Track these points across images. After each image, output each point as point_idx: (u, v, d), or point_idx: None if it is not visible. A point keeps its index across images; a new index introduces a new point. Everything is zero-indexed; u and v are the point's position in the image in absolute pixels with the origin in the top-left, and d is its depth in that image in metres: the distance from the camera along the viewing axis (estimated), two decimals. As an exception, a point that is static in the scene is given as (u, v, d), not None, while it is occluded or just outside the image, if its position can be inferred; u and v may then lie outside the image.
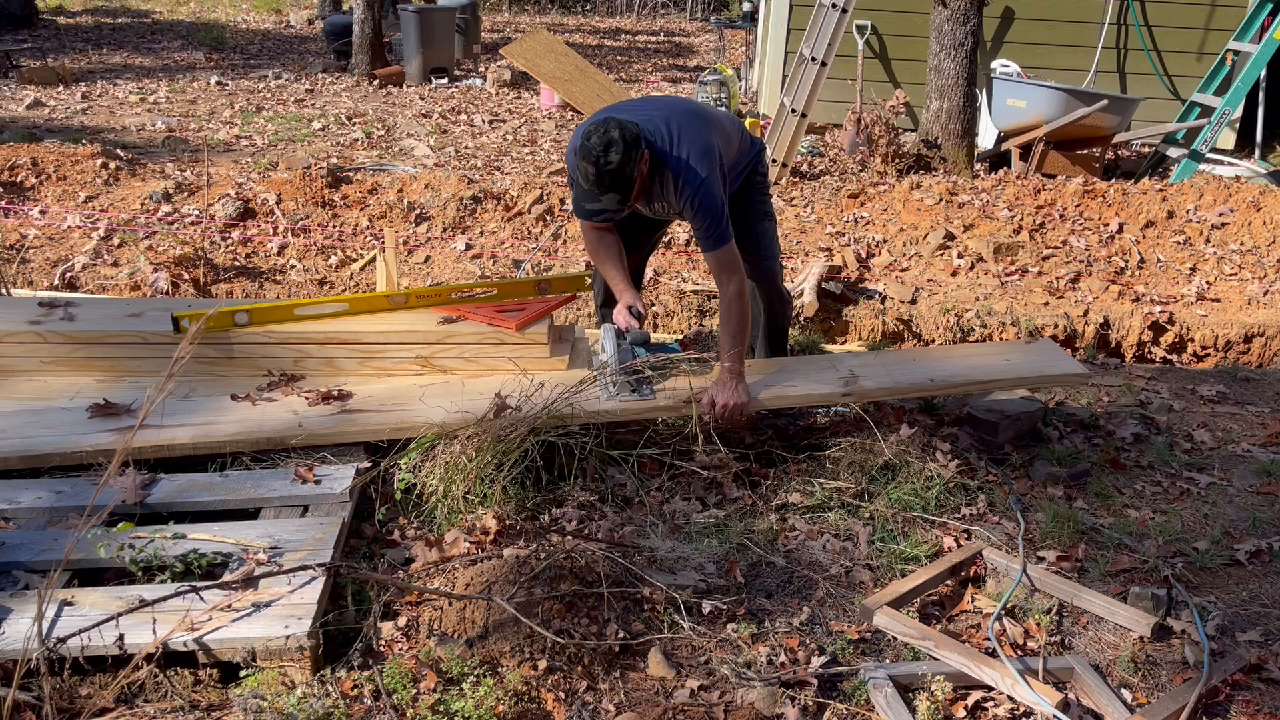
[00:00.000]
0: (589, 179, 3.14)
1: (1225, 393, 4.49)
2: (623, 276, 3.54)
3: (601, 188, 3.15)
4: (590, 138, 3.10)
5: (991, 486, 3.44)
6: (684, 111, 3.44)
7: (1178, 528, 3.27)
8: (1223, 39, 9.23)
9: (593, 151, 3.08)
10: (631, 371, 3.36)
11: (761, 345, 3.99)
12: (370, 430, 3.22)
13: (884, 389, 3.58)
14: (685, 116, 3.39)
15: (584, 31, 18.02)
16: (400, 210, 6.72)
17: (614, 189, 3.16)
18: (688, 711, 2.39)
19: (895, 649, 2.64)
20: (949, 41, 8.07)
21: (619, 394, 3.32)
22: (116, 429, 3.14)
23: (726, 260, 3.36)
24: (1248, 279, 6.34)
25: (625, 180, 3.15)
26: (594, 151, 3.08)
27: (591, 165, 3.09)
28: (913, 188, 7.20)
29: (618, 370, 3.36)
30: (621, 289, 3.53)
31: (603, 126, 3.11)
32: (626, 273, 3.57)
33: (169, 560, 2.60)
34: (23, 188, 6.73)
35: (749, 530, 3.11)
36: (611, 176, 3.12)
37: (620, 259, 3.56)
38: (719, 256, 3.36)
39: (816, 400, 3.54)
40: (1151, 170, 9.09)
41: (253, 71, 12.16)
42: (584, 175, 3.14)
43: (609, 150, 3.08)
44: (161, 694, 2.33)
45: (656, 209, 3.54)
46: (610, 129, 3.10)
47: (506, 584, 2.54)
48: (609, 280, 3.58)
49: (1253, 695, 2.52)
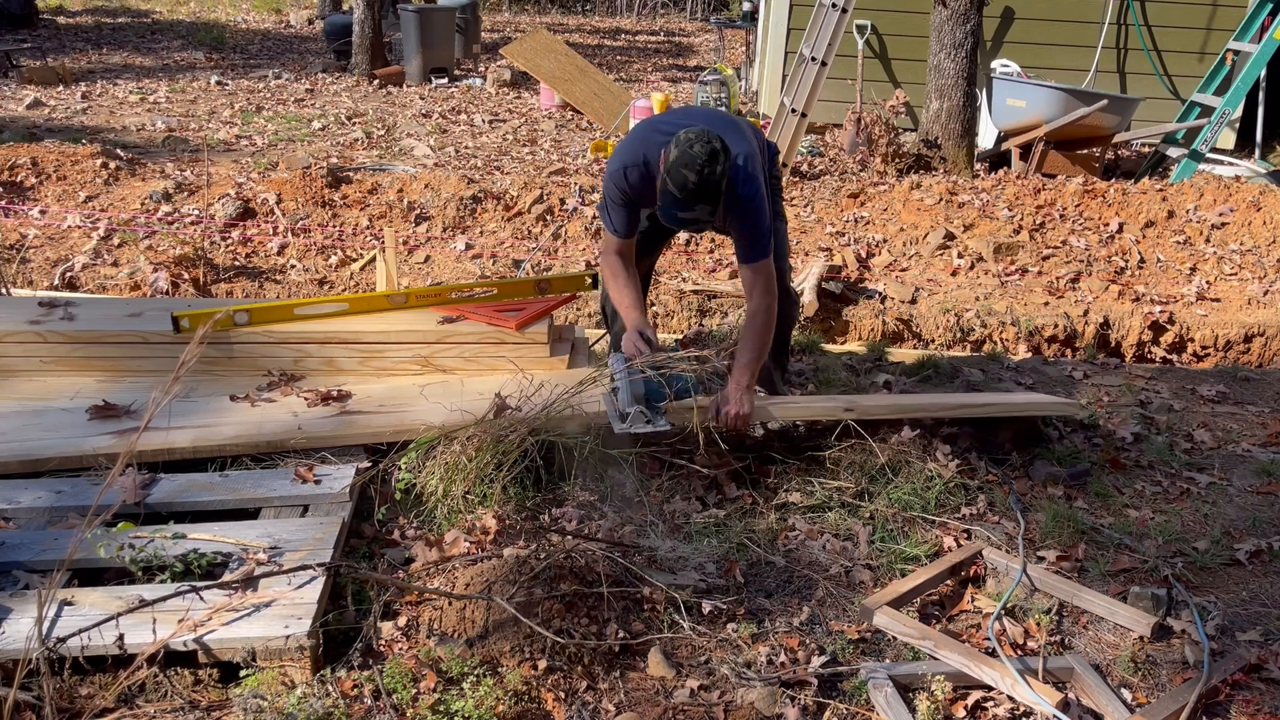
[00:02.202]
0: (687, 188, 3.08)
1: (1225, 393, 4.49)
2: (635, 301, 3.49)
3: (698, 197, 3.11)
4: (693, 146, 3.06)
5: (991, 486, 3.44)
6: (723, 122, 3.43)
7: (1178, 528, 3.27)
8: (1223, 39, 9.23)
9: (698, 160, 3.05)
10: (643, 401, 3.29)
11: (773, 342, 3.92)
12: (370, 433, 3.22)
13: (884, 406, 3.58)
14: (726, 126, 3.38)
15: (584, 31, 18.02)
16: (400, 210, 6.72)
17: (709, 200, 3.12)
18: (688, 711, 2.39)
19: (895, 649, 2.64)
20: (949, 41, 8.07)
21: (631, 425, 3.25)
22: (116, 431, 3.14)
23: (765, 273, 3.34)
24: (1248, 279, 6.35)
25: (719, 191, 3.13)
26: (699, 160, 3.05)
27: (695, 174, 3.05)
28: (913, 187, 7.20)
29: (629, 402, 3.27)
30: (633, 314, 3.47)
31: (703, 137, 3.08)
32: (641, 297, 3.53)
33: (169, 560, 2.60)
34: (23, 188, 6.73)
35: (749, 530, 3.11)
36: (714, 187, 3.09)
37: (637, 283, 3.53)
38: (759, 269, 3.34)
39: (819, 414, 3.53)
40: (1151, 170, 9.09)
41: (253, 71, 12.16)
42: (681, 184, 3.08)
43: (714, 160, 3.06)
44: (161, 694, 2.33)
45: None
46: (711, 139, 3.07)
47: (506, 584, 2.54)
48: (621, 304, 3.50)
49: (1253, 695, 2.52)
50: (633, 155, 3.36)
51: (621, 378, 3.31)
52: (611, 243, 3.49)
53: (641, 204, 3.42)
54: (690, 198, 3.11)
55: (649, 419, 3.25)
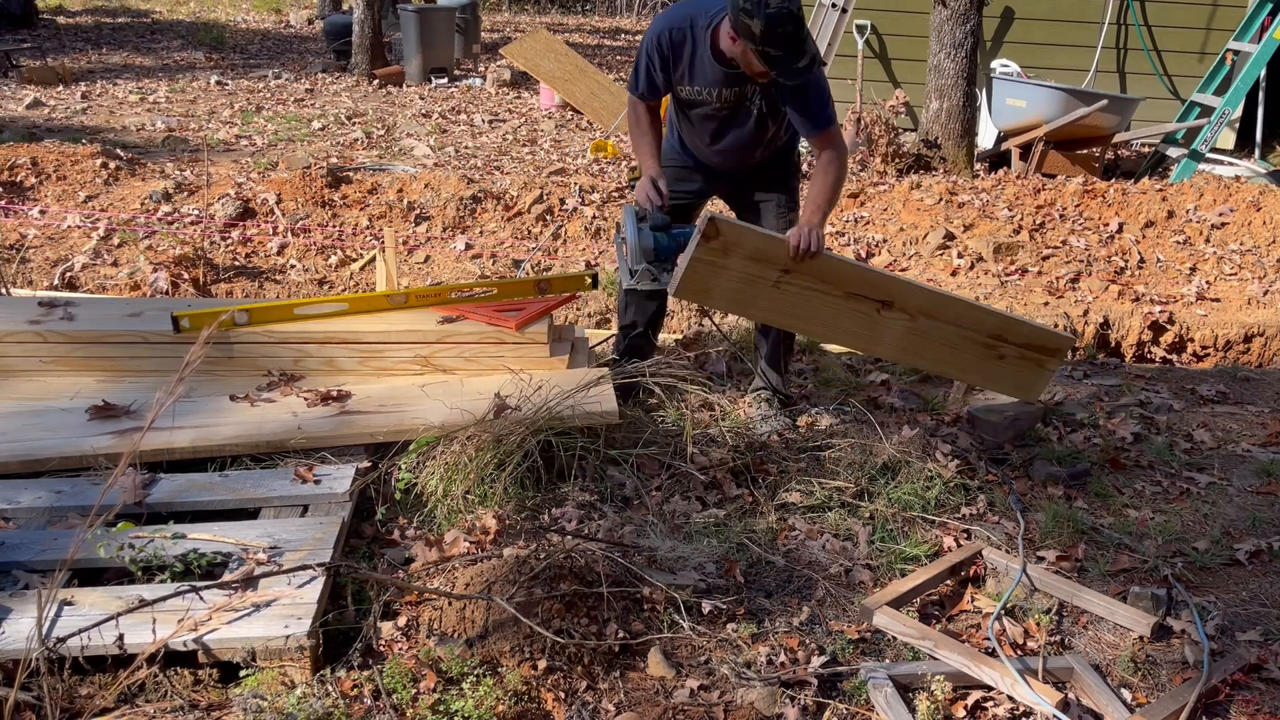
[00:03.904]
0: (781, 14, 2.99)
1: (1225, 392, 4.49)
2: (652, 149, 3.51)
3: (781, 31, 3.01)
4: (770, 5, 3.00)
5: (991, 486, 3.44)
6: None
7: (1178, 527, 3.27)
8: (1223, 39, 9.23)
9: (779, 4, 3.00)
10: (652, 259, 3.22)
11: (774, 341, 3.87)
12: (370, 433, 3.22)
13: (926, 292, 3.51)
14: None
15: (584, 31, 18.02)
16: (400, 210, 6.72)
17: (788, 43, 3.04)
18: (687, 711, 2.39)
19: (895, 649, 2.64)
20: (949, 41, 8.07)
21: (639, 281, 3.16)
22: (116, 431, 3.14)
23: (835, 136, 3.35)
24: (1247, 279, 6.35)
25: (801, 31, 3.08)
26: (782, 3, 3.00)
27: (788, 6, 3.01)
28: (913, 187, 7.20)
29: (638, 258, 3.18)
30: (649, 162, 3.48)
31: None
32: (658, 146, 3.56)
33: (169, 560, 2.60)
34: (23, 187, 6.73)
35: (749, 530, 3.11)
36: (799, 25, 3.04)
37: (658, 131, 3.55)
38: (829, 136, 3.35)
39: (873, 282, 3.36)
40: (1151, 170, 9.09)
41: (253, 71, 12.16)
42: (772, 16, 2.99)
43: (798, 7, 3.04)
44: (161, 694, 2.33)
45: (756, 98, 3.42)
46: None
47: (506, 584, 2.54)
48: (638, 150, 3.55)
49: (1253, 695, 2.52)
50: (676, 19, 3.34)
51: (631, 232, 3.21)
52: (635, 100, 3.52)
53: (674, 67, 3.37)
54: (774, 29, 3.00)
55: (655, 276, 3.18)
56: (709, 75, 3.34)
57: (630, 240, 3.26)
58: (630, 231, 3.26)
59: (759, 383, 3.91)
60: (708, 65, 3.32)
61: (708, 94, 3.38)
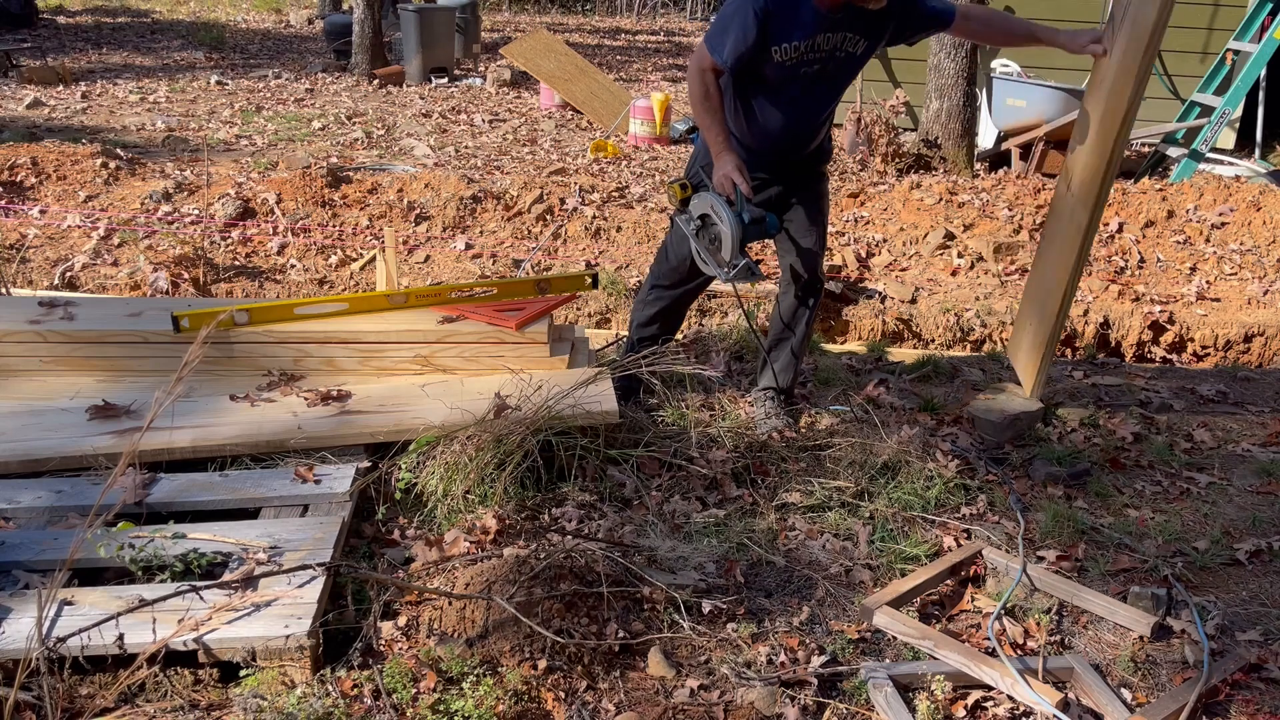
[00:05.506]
0: None
1: (1225, 392, 4.49)
2: (726, 131, 3.30)
3: None
4: None
5: (991, 486, 3.44)
6: None
7: (1178, 527, 3.27)
8: (1223, 39, 9.24)
9: None
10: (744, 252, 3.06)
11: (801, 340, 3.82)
12: (370, 433, 3.22)
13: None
14: None
15: (584, 31, 18.02)
16: (400, 210, 6.72)
17: None
18: (687, 711, 2.39)
19: (895, 648, 2.64)
20: (949, 41, 8.07)
21: (738, 276, 2.95)
22: (116, 431, 3.14)
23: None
24: (1248, 279, 6.35)
25: None
26: None
27: None
28: (913, 187, 7.20)
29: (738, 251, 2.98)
30: (728, 145, 3.27)
31: None
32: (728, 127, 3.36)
33: (169, 560, 2.60)
34: (23, 187, 6.73)
35: (749, 530, 3.11)
36: None
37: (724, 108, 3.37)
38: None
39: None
40: (1151, 170, 9.09)
41: (253, 71, 12.16)
42: None
43: None
44: (162, 694, 2.33)
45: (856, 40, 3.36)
46: None
47: (506, 584, 2.54)
48: (710, 131, 3.28)
49: (1253, 695, 2.52)
50: None
51: (731, 224, 3.04)
52: (708, 61, 3.25)
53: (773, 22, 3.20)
54: None
55: (752, 269, 3.01)
56: (809, 23, 3.20)
57: (729, 232, 3.06)
58: (730, 224, 3.06)
59: (766, 381, 3.87)
60: (808, 9, 3.19)
61: (804, 47, 3.23)
